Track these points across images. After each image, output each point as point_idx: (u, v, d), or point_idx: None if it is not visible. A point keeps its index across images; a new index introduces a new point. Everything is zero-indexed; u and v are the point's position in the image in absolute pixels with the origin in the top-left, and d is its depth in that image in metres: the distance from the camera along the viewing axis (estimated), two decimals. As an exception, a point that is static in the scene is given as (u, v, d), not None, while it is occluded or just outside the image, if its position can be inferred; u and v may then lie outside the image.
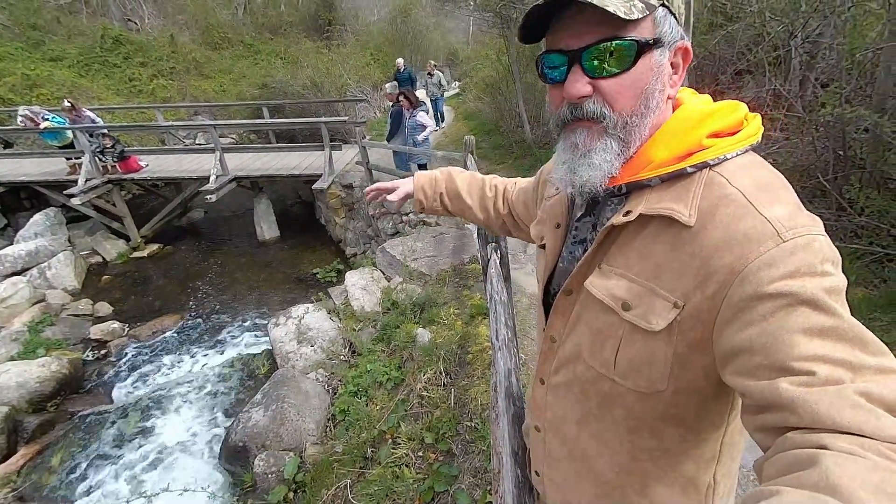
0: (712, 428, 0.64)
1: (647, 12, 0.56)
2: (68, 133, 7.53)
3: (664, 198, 0.58)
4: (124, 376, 5.03)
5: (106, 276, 7.18)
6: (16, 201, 8.40)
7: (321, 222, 8.78)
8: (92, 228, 7.97)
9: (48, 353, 4.94)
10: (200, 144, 11.23)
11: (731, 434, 0.66)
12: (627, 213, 0.61)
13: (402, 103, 5.96)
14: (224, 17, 17.80)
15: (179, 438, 4.09)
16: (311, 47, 16.51)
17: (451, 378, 3.04)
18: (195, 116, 12.48)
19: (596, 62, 0.58)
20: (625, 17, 0.54)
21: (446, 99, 11.89)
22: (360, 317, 4.37)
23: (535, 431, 0.84)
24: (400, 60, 9.59)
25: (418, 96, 6.24)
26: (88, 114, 7.71)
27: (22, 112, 7.53)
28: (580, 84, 0.59)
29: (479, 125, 10.66)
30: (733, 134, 0.60)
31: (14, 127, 8.09)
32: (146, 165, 7.98)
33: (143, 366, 5.19)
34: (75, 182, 7.06)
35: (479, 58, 15.72)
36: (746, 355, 0.48)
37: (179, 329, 5.87)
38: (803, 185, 3.92)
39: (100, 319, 6.02)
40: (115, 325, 5.79)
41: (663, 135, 0.61)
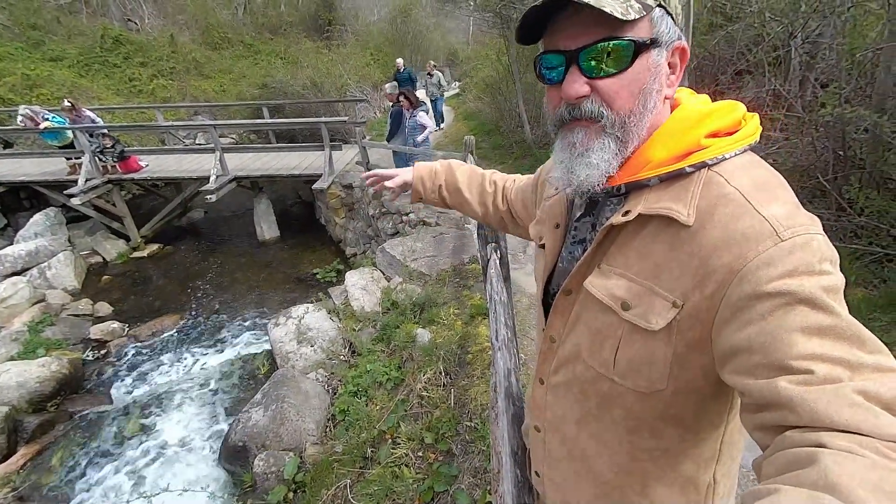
0: (711, 427, 0.64)
1: (643, 13, 0.56)
2: (68, 133, 7.52)
3: (663, 197, 0.58)
4: (124, 376, 5.03)
5: (106, 276, 7.18)
6: (16, 201, 8.39)
7: (321, 222, 8.78)
8: (92, 228, 7.96)
9: (48, 353, 4.93)
10: (200, 144, 11.22)
11: (730, 433, 0.66)
12: (626, 212, 0.61)
13: (402, 103, 5.95)
14: (224, 17, 17.79)
15: (179, 438, 4.09)
16: (311, 47, 16.50)
17: (450, 378, 3.03)
18: (195, 116, 12.47)
19: (593, 62, 0.58)
20: (622, 18, 0.54)
21: (446, 99, 11.89)
22: (359, 317, 4.36)
23: (535, 431, 0.84)
24: (400, 60, 9.60)
25: (418, 96, 6.24)
26: (88, 114, 7.70)
27: (22, 112, 7.52)
28: (578, 84, 0.59)
29: (478, 125, 10.66)
30: (731, 134, 0.60)
31: (14, 127, 8.08)
32: (146, 165, 7.97)
33: (142, 366, 5.18)
34: (75, 182, 7.06)
35: (478, 58, 15.72)
36: (745, 354, 0.48)
37: (179, 329, 5.86)
38: (803, 185, 3.92)
39: (100, 319, 6.01)
40: (114, 325, 5.78)
41: (661, 135, 0.61)
